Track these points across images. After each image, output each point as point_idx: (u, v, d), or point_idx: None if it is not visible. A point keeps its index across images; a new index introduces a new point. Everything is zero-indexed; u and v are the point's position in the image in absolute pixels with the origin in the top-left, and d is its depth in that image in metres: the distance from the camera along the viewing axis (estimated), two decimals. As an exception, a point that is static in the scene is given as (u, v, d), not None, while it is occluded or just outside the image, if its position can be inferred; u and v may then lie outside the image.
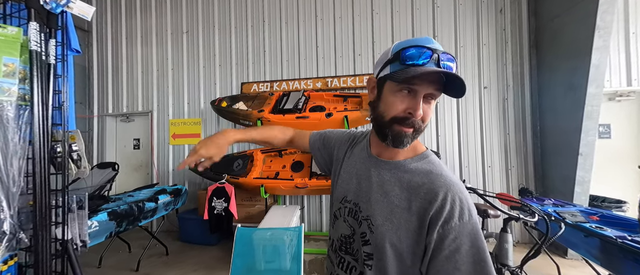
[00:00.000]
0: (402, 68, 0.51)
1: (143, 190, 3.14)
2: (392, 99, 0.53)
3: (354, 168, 0.66)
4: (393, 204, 0.54)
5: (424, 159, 0.58)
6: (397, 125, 0.53)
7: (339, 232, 0.64)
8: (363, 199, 0.59)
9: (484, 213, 1.79)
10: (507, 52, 3.25)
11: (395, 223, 0.53)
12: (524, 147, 3.18)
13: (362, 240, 0.57)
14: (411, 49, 0.50)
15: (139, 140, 4.22)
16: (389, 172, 0.58)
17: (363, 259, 0.57)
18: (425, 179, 0.54)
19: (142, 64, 4.11)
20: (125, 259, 2.93)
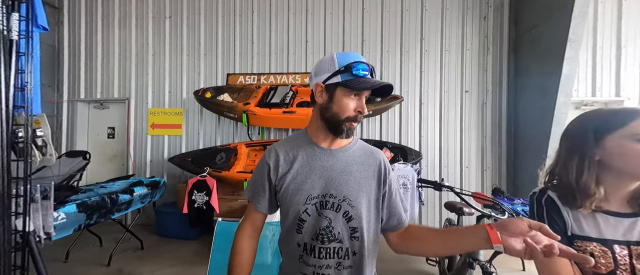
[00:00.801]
0: (353, 78, 0.67)
1: (117, 182, 2.97)
2: (346, 101, 0.69)
3: (307, 167, 0.73)
4: (359, 177, 0.72)
5: (358, 141, 0.79)
6: (350, 123, 0.70)
7: (315, 230, 0.70)
8: (333, 186, 0.71)
9: (460, 210, 1.88)
10: (488, 58, 3.40)
11: (365, 191, 0.72)
12: (498, 149, 3.36)
13: (346, 218, 0.70)
14: (360, 64, 0.68)
15: (114, 129, 3.99)
16: (345, 156, 0.74)
17: (349, 235, 0.70)
18: (367, 152, 0.77)
19: (119, 48, 3.86)
20: (95, 253, 2.78)
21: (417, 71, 3.48)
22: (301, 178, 0.72)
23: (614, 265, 0.60)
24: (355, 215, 0.70)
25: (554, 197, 0.67)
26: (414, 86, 3.47)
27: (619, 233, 0.61)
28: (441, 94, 3.44)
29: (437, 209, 3.37)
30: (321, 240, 0.69)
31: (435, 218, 3.38)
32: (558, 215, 0.66)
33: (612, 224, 0.62)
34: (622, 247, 0.60)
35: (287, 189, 0.73)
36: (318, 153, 0.74)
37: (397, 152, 3.00)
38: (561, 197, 0.67)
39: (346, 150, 0.75)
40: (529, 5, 3.13)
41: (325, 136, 0.74)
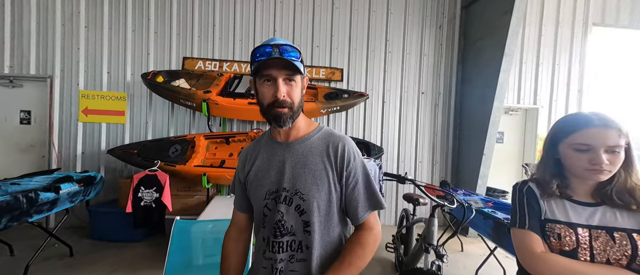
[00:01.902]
0: (255, 64, 0.67)
1: (36, 178, 2.44)
2: (261, 90, 0.69)
3: (266, 162, 0.74)
4: (314, 170, 0.70)
5: (321, 129, 0.76)
6: (273, 109, 0.67)
7: (270, 225, 0.70)
8: (286, 179, 0.70)
9: (416, 201, 2.07)
10: (441, 64, 3.77)
11: (319, 184, 0.69)
12: (446, 146, 3.79)
13: (298, 212, 0.69)
14: (258, 49, 0.67)
15: (30, 113, 3.25)
16: (301, 147, 0.72)
17: (302, 229, 0.69)
18: (327, 141, 0.73)
19: (38, 13, 3.13)
20: (4, 264, 2.26)
21: (381, 71, 3.66)
22: (261, 174, 0.73)
23: (576, 244, 0.71)
24: (307, 208, 0.68)
25: (533, 187, 0.81)
26: (378, 85, 3.65)
27: (583, 218, 0.73)
28: (401, 93, 3.70)
29: (394, 200, 3.66)
30: (274, 234, 0.69)
31: (392, 209, 3.65)
32: (535, 201, 0.79)
33: (577, 211, 0.75)
34: (585, 230, 0.72)
35: (251, 186, 0.75)
36: (276, 148, 0.74)
37: (362, 147, 3.13)
38: (539, 187, 0.80)
39: (303, 141, 0.73)
40: (476, 21, 3.56)
41: (277, 130, 0.74)
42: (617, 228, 0.70)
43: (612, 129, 0.69)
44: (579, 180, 0.76)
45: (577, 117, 0.76)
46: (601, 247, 0.70)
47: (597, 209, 0.74)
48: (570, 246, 0.72)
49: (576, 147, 0.73)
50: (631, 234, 0.69)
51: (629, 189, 0.72)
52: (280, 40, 0.68)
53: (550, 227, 0.75)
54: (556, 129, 0.80)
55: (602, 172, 0.70)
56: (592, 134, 0.70)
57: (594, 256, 0.70)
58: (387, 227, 3.53)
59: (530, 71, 3.79)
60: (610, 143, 0.69)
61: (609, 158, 0.69)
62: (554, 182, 0.77)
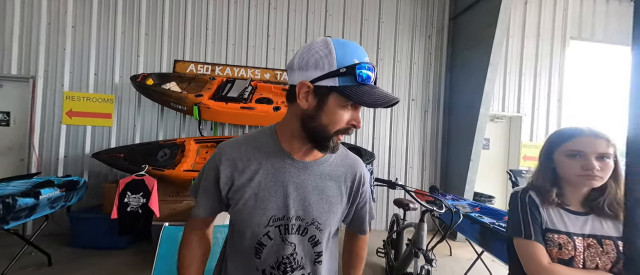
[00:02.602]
0: (356, 86, 0.52)
1: (13, 182, 2.33)
2: (340, 112, 0.54)
3: (272, 180, 0.60)
4: (331, 195, 0.63)
5: (341, 149, 0.68)
6: (338, 136, 0.57)
7: (278, 257, 0.60)
8: (301, 207, 0.60)
9: (407, 206, 2.10)
10: (431, 72, 3.89)
11: (334, 211, 0.63)
12: (435, 152, 3.88)
13: (312, 243, 0.62)
14: (365, 66, 0.52)
15: (9, 114, 3.11)
16: (319, 169, 0.63)
17: (313, 260, 0.62)
18: (346, 164, 0.67)
19: (22, 11, 3.03)
20: (-26, 276, 2.11)
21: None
22: (264, 194, 0.59)
23: (574, 252, 0.75)
24: (321, 239, 0.62)
25: (534, 196, 0.83)
26: (370, 91, 3.71)
27: (578, 227, 0.78)
28: (392, 100, 3.77)
29: (385, 205, 3.70)
30: (283, 269, 0.59)
31: (382, 214, 3.69)
32: (537, 210, 0.81)
33: (572, 220, 0.79)
34: (580, 238, 0.76)
35: (245, 206, 0.59)
36: (289, 166, 0.60)
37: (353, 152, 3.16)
38: (539, 195, 0.82)
39: (322, 162, 0.63)
40: (463, 31, 3.71)
41: (301, 146, 0.61)
42: (605, 236, 0.76)
43: (601, 138, 0.76)
44: (572, 189, 0.81)
45: (570, 128, 0.83)
46: (592, 255, 0.75)
47: (588, 218, 0.78)
48: (569, 255, 0.75)
49: (569, 153, 0.78)
50: (617, 242, 0.74)
51: (619, 200, 0.76)
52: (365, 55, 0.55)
53: (551, 237, 0.78)
54: (551, 139, 0.85)
55: (594, 177, 0.75)
56: (583, 142, 0.77)
57: (585, 263, 0.75)
58: (378, 232, 3.56)
59: (513, 81, 3.96)
60: (600, 150, 0.75)
61: (600, 165, 0.75)
62: (554, 191, 0.80)
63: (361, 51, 0.55)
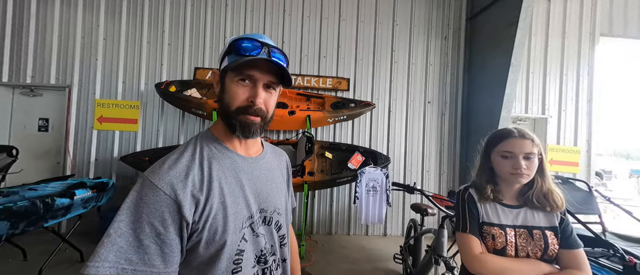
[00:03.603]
0: (237, 58, 0.55)
1: (51, 183, 2.52)
2: (234, 89, 0.56)
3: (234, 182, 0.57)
4: (278, 183, 0.69)
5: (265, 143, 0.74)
6: (242, 115, 0.57)
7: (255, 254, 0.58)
8: (263, 199, 0.62)
9: (425, 211, 2.05)
10: (447, 74, 3.80)
11: (283, 194, 0.70)
12: (453, 156, 3.76)
13: (276, 228, 0.65)
14: (245, 41, 0.56)
15: (48, 121, 3.38)
16: (264, 162, 0.67)
17: (279, 243, 0.66)
18: (277, 154, 0.76)
19: (60, 27, 3.30)
20: (17, 269, 2.31)
21: (387, 81, 3.70)
22: (232, 199, 0.55)
23: (505, 242, 0.85)
24: (282, 222, 0.67)
25: (472, 193, 0.93)
26: (384, 95, 3.69)
27: (510, 219, 0.88)
28: (407, 103, 3.72)
29: (401, 209, 3.62)
30: (264, 260, 0.60)
31: (398, 219, 3.61)
32: (474, 206, 0.90)
33: (506, 213, 0.89)
34: (511, 229, 0.86)
35: (216, 221, 0.52)
36: (241, 163, 0.60)
37: (369, 156, 3.15)
38: (477, 192, 0.92)
39: (264, 155, 0.69)
40: (481, 32, 3.60)
41: (239, 141, 0.62)
42: (535, 227, 0.85)
43: (527, 139, 0.86)
44: (506, 185, 0.91)
45: (502, 131, 0.92)
46: (523, 243, 0.84)
47: (520, 210, 0.88)
48: (501, 245, 0.85)
49: (502, 154, 0.89)
50: (544, 231, 0.84)
51: (545, 193, 0.87)
52: (268, 40, 0.59)
53: (487, 230, 0.87)
54: (487, 141, 0.96)
55: (522, 175, 0.85)
56: (513, 143, 0.87)
57: (517, 251, 0.84)
58: (394, 238, 3.49)
59: (537, 81, 3.78)
60: (526, 150, 0.85)
61: (526, 164, 0.85)
62: (489, 187, 0.90)
63: (256, 35, 0.59)
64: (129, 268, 0.44)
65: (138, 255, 0.46)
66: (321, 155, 3.21)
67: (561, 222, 0.86)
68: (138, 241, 0.46)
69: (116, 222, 0.46)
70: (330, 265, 2.65)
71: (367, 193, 2.69)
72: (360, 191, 2.69)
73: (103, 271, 0.43)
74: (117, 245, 0.45)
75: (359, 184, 2.69)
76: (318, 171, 3.11)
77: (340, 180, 3.01)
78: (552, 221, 0.86)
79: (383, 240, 3.38)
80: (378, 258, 2.87)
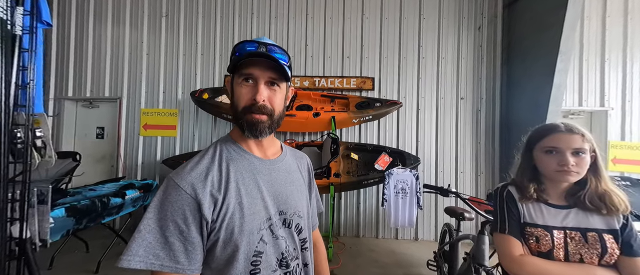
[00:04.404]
0: (235, 59, 0.58)
1: (107, 185, 2.85)
2: (239, 90, 0.59)
3: (252, 183, 0.58)
4: (299, 185, 0.68)
5: (284, 146, 0.74)
6: (248, 114, 0.57)
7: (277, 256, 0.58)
8: (282, 201, 0.62)
9: (460, 216, 1.91)
10: (482, 67, 3.51)
11: (304, 197, 0.69)
12: (492, 155, 3.46)
13: (297, 231, 0.64)
14: (244, 43, 0.59)
15: (104, 129, 3.83)
16: (283, 164, 0.67)
17: (300, 247, 0.64)
18: (297, 157, 0.75)
19: (111, 45, 3.73)
20: (81, 259, 2.64)
21: (414, 78, 3.54)
22: (249, 200, 0.56)
23: (551, 245, 0.77)
24: (303, 225, 0.66)
25: (512, 192, 0.86)
26: (412, 92, 3.53)
27: (557, 221, 0.80)
28: (438, 100, 3.52)
29: (433, 213, 3.42)
30: (286, 264, 0.59)
31: (430, 222, 3.42)
32: (514, 205, 0.84)
33: (552, 213, 0.81)
34: (559, 232, 0.78)
35: (233, 220, 0.53)
36: (258, 165, 0.61)
37: (396, 156, 3.03)
38: (518, 190, 0.86)
39: (283, 158, 0.69)
40: (521, 19, 3.27)
41: (255, 144, 0.64)
42: (590, 229, 0.77)
43: (576, 134, 0.79)
44: (552, 184, 0.84)
45: (547, 125, 0.86)
46: (575, 247, 0.76)
47: (570, 211, 0.80)
48: (547, 248, 0.78)
49: (546, 150, 0.82)
50: (602, 234, 0.76)
51: (600, 195, 0.78)
52: (267, 39, 0.61)
53: (530, 231, 0.81)
54: (530, 136, 0.89)
55: (569, 173, 0.77)
56: (559, 138, 0.80)
57: (568, 256, 0.76)
58: (427, 243, 3.31)
59: (594, 70, 3.32)
60: (574, 145, 0.78)
61: (575, 160, 0.78)
62: (531, 186, 0.84)
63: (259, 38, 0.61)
64: (157, 263, 0.48)
65: (164, 251, 0.49)
66: (347, 156, 3.17)
67: (624, 227, 0.76)
68: (164, 238, 0.49)
69: (145, 219, 0.50)
70: (359, 268, 2.60)
71: (396, 195, 2.60)
72: (389, 193, 2.60)
73: (134, 265, 0.46)
74: (146, 241, 0.48)
75: (386, 185, 2.61)
76: (344, 172, 3.08)
77: (367, 182, 2.94)
78: (611, 224, 0.77)
79: (415, 245, 3.23)
80: (409, 263, 2.74)
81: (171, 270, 0.48)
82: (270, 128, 0.60)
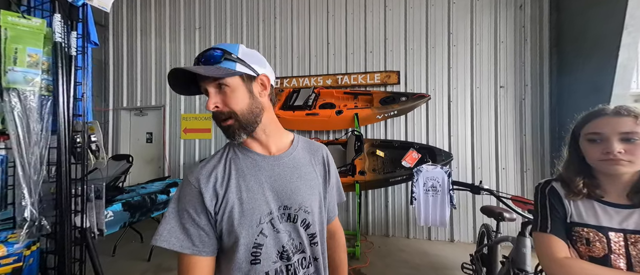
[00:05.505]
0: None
1: (155, 183, 3.21)
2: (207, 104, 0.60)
3: (253, 180, 0.61)
4: (310, 179, 0.66)
5: (299, 137, 0.73)
6: (219, 123, 0.60)
7: (278, 249, 0.60)
8: (286, 196, 0.62)
9: (499, 216, 1.73)
10: (526, 50, 3.13)
11: (317, 191, 0.67)
12: (541, 149, 3.06)
13: (304, 226, 0.64)
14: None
15: (152, 134, 4.32)
16: (290, 159, 0.66)
17: (309, 242, 0.65)
18: (311, 149, 0.72)
19: (155, 59, 4.19)
20: (137, 248, 3.01)
21: (444, 68, 3.31)
22: (248, 195, 0.59)
23: (607, 250, 0.66)
24: (312, 221, 0.65)
25: (557, 187, 0.76)
26: (441, 83, 3.30)
27: (615, 222, 0.67)
28: (472, 90, 3.23)
29: (471, 213, 3.16)
30: (287, 256, 0.61)
31: (468, 223, 3.16)
32: (559, 203, 0.74)
33: (609, 213, 0.69)
34: (618, 234, 0.66)
35: (232, 213, 0.58)
36: (261, 162, 0.63)
37: (425, 152, 2.87)
38: (564, 186, 0.75)
39: (291, 152, 0.67)
40: (574, -10, 2.83)
41: (258, 143, 0.65)
42: None
43: (625, 116, 0.67)
44: (609, 178, 0.71)
45: (593, 110, 0.74)
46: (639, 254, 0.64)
47: (634, 211, 0.67)
48: (601, 252, 0.67)
49: (589, 137, 0.71)
50: None
51: None
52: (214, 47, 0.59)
53: (578, 231, 0.71)
54: (575, 124, 0.79)
55: (617, 162, 0.65)
56: (603, 123, 0.69)
57: (631, 264, 0.64)
58: (463, 245, 3.08)
59: (677, 41, 2.72)
60: (622, 129, 0.66)
61: (626, 147, 0.65)
62: (579, 181, 0.72)
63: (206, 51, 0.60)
64: (177, 244, 0.56)
65: (183, 235, 0.57)
66: (372, 153, 3.10)
67: None
68: (182, 224, 0.57)
69: (169, 208, 0.60)
70: (389, 268, 2.53)
71: (426, 193, 2.46)
72: (418, 191, 2.47)
73: (160, 243, 0.56)
74: (170, 225, 0.57)
75: (415, 183, 2.48)
76: (369, 170, 3.01)
77: (394, 180, 2.84)
78: None
79: (449, 247, 3.02)
80: (443, 266, 2.58)
81: (188, 251, 0.56)
82: (243, 128, 0.59)
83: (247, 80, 0.60)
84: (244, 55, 0.59)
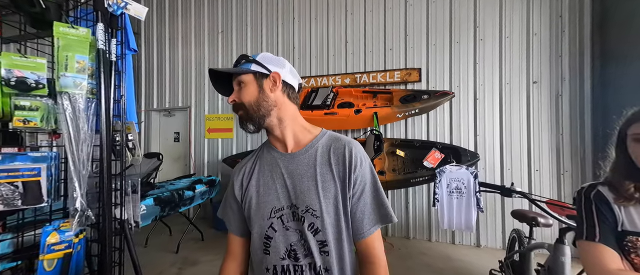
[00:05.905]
0: None
1: (182, 180, 3.40)
2: None
3: (268, 175, 0.66)
4: (325, 180, 0.61)
5: (325, 134, 0.68)
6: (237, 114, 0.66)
7: (286, 246, 0.62)
8: (295, 195, 0.62)
9: (533, 221, 1.61)
10: (564, 41, 2.88)
11: (331, 195, 0.61)
12: (581, 149, 2.80)
13: (312, 231, 0.60)
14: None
15: (179, 134, 4.58)
16: (305, 157, 0.64)
17: (319, 250, 0.60)
18: (334, 147, 0.64)
19: (182, 63, 4.43)
20: (166, 241, 3.22)
21: (470, 63, 3.14)
22: (264, 189, 0.65)
23: None
24: (321, 227, 0.59)
25: (604, 192, 0.69)
26: (467, 80, 3.14)
27: None
28: (501, 87, 3.04)
29: (500, 217, 2.97)
30: (294, 256, 0.60)
31: (496, 228, 2.98)
32: (608, 209, 0.67)
33: None
34: None
35: (251, 203, 0.65)
36: (277, 158, 0.66)
37: (449, 152, 2.75)
38: (612, 190, 0.69)
39: (307, 150, 0.65)
40: (622, -28, 2.55)
41: (275, 140, 0.69)
42: None
43: None
44: None
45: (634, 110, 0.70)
46: None
47: None
48: None
49: (635, 136, 0.66)
50: None
51: None
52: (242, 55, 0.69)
53: (632, 240, 0.64)
54: (622, 123, 0.73)
55: None
56: None
57: None
58: (490, 250, 2.91)
59: None
60: None
61: None
62: (629, 184, 0.66)
63: None
64: (225, 219, 0.73)
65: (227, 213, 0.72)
66: (392, 153, 3.03)
67: None
68: (226, 205, 0.73)
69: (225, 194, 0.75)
70: (410, 271, 2.46)
71: (449, 195, 2.35)
72: (440, 193, 2.37)
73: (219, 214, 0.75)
74: (223, 202, 0.75)
75: (438, 184, 2.39)
76: (389, 170, 2.95)
77: (415, 180, 2.75)
78: None
79: (475, 252, 2.87)
80: (468, 271, 2.46)
81: (228, 227, 0.72)
82: (250, 119, 0.64)
83: (259, 78, 0.64)
84: (262, 58, 0.65)
